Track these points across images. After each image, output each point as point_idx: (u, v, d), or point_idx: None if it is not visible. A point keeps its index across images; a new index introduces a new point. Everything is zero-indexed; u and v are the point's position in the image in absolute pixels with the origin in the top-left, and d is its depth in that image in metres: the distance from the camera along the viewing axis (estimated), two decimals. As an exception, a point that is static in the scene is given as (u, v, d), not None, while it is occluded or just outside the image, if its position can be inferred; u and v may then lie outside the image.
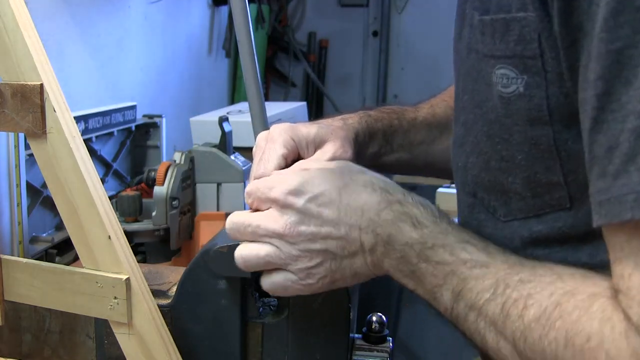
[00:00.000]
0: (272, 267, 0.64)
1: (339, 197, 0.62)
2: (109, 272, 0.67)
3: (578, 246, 0.59)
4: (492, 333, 0.55)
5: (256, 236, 0.63)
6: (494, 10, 0.57)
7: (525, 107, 0.56)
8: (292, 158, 0.73)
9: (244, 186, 1.34)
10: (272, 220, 0.63)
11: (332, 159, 0.74)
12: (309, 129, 0.75)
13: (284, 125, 0.75)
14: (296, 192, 0.62)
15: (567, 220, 0.59)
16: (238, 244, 0.67)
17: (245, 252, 0.64)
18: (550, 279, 0.53)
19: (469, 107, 0.64)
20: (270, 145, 0.72)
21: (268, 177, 0.66)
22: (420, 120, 0.94)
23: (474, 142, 0.64)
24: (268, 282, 0.65)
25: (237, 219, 0.65)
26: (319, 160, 0.69)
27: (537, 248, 0.61)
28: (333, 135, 0.77)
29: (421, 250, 0.59)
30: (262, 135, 0.75)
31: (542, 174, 0.58)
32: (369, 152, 0.86)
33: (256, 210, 0.65)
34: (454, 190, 1.99)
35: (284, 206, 0.62)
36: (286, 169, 0.68)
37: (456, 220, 0.68)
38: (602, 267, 0.52)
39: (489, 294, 0.55)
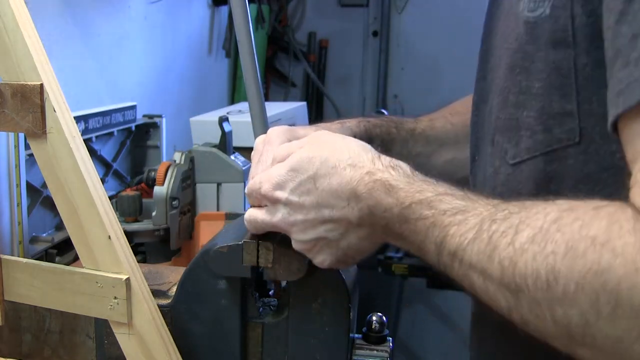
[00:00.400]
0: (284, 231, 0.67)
1: (314, 184, 0.64)
2: (109, 272, 0.67)
3: (591, 187, 0.58)
4: (476, 275, 0.53)
5: (267, 229, 0.68)
6: None
7: (550, 29, 0.58)
8: None
9: (244, 186, 1.34)
10: (269, 215, 0.66)
11: None
12: (306, 131, 0.77)
13: (281, 127, 0.76)
14: (279, 186, 0.65)
15: (577, 158, 0.58)
16: (238, 244, 0.67)
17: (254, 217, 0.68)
18: (544, 205, 0.50)
19: (496, 49, 0.67)
20: (268, 147, 0.73)
21: (258, 175, 0.68)
22: (418, 132, 0.94)
23: (497, 82, 0.66)
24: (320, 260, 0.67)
25: (250, 213, 0.69)
26: (295, 143, 0.69)
27: (550, 192, 0.60)
28: None
29: (400, 213, 0.59)
30: (260, 138, 0.76)
31: (556, 103, 0.59)
32: None
33: (258, 206, 0.68)
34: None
35: (274, 201, 0.66)
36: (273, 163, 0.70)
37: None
38: None
39: (472, 233, 0.53)
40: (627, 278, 0.43)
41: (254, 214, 0.68)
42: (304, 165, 0.64)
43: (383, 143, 0.89)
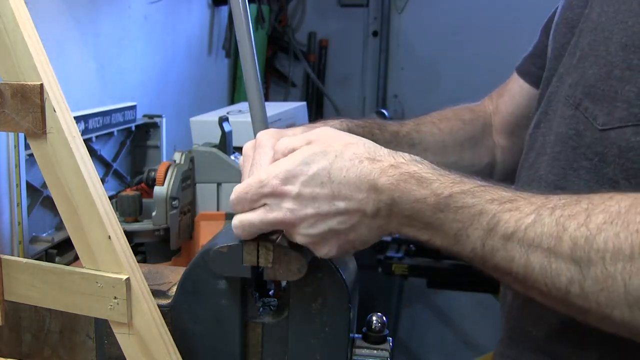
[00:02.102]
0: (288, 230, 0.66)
1: (329, 177, 0.63)
2: (109, 272, 0.67)
3: None
4: (537, 253, 0.55)
5: (265, 230, 0.66)
6: None
7: None
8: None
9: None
10: (270, 213, 0.65)
11: None
12: (294, 132, 0.77)
13: (270, 130, 0.76)
14: (287, 180, 0.64)
15: None
16: (238, 244, 0.67)
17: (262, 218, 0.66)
18: (607, 195, 0.55)
19: (606, 25, 0.68)
20: (259, 150, 0.73)
21: (253, 178, 0.67)
22: (403, 134, 0.95)
23: (602, 55, 0.68)
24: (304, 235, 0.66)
25: (240, 219, 0.66)
26: (299, 138, 0.69)
27: (636, 161, 0.63)
28: None
29: (437, 202, 0.60)
30: (249, 144, 0.76)
31: None
32: None
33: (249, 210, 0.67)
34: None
35: (280, 195, 0.64)
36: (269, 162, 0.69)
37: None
38: None
39: (530, 218, 0.56)
40: None
41: (248, 217, 0.66)
42: (317, 159, 0.64)
43: None
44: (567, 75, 0.76)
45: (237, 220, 0.67)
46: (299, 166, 0.64)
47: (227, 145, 1.38)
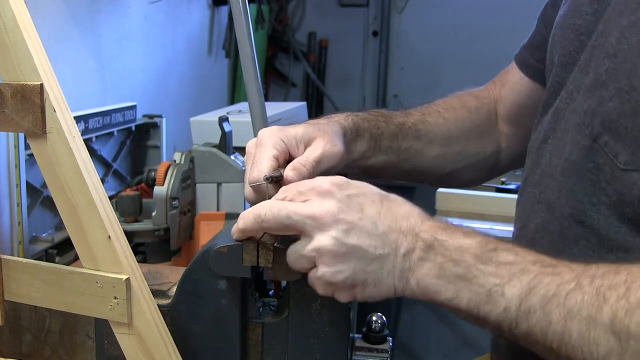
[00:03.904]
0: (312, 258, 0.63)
1: (380, 201, 0.63)
2: (109, 272, 0.67)
3: None
4: (576, 320, 0.54)
5: (293, 222, 0.62)
6: None
7: None
8: (283, 158, 0.74)
9: (244, 186, 1.34)
10: (310, 206, 0.62)
11: (322, 153, 0.75)
12: (296, 129, 0.76)
13: (272, 128, 0.76)
14: (339, 185, 0.63)
15: None
16: (238, 244, 0.67)
17: (293, 250, 0.63)
18: None
19: (629, 55, 0.65)
20: (260, 148, 0.72)
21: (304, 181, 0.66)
22: (409, 126, 0.94)
23: (624, 89, 0.64)
24: (312, 277, 0.63)
25: (278, 205, 0.63)
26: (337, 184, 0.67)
27: None
28: (321, 131, 0.78)
29: (481, 253, 0.59)
30: (252, 142, 0.76)
31: None
32: (356, 149, 0.87)
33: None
34: (454, 190, 1.98)
35: (325, 193, 0.62)
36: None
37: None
38: None
39: (571, 285, 0.55)
40: None
41: (282, 205, 0.63)
42: (371, 186, 0.65)
43: (372, 137, 0.89)
44: (578, 95, 0.73)
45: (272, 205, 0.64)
46: (353, 182, 0.64)
47: (227, 145, 1.38)
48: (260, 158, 0.71)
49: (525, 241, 0.77)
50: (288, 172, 0.71)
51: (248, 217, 0.64)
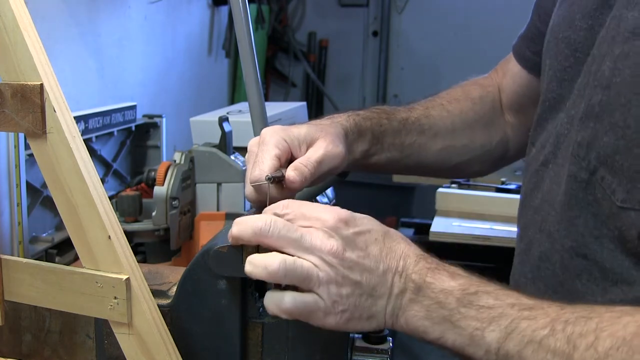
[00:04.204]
0: (305, 285, 0.62)
1: (383, 239, 0.64)
2: (109, 272, 0.67)
3: None
4: None
5: (296, 246, 0.62)
6: None
7: None
8: (285, 158, 0.74)
9: (244, 186, 1.34)
10: (320, 237, 0.62)
11: (324, 154, 0.75)
12: (299, 129, 0.76)
13: (274, 127, 0.76)
14: (347, 221, 0.63)
15: None
16: (239, 244, 0.67)
17: (289, 260, 0.61)
18: (615, 314, 0.54)
19: (622, 90, 0.63)
20: (262, 147, 0.72)
21: (316, 204, 0.66)
22: (412, 121, 0.94)
23: (619, 125, 0.63)
24: (298, 301, 0.63)
25: (282, 222, 0.62)
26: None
27: None
28: (323, 132, 0.78)
29: (462, 296, 0.60)
30: (254, 140, 0.76)
31: None
32: (358, 149, 0.87)
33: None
34: (454, 190, 1.98)
35: (332, 229, 0.62)
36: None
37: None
38: None
39: (545, 331, 0.56)
40: None
41: (295, 227, 0.62)
42: (375, 222, 0.65)
43: (374, 136, 0.89)
44: (576, 121, 0.71)
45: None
46: (359, 217, 0.64)
47: (227, 145, 1.38)
48: (262, 157, 0.71)
49: (530, 267, 0.77)
50: (290, 172, 0.71)
51: (245, 229, 0.63)
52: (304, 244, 0.62)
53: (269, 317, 0.73)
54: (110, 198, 0.84)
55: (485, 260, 1.54)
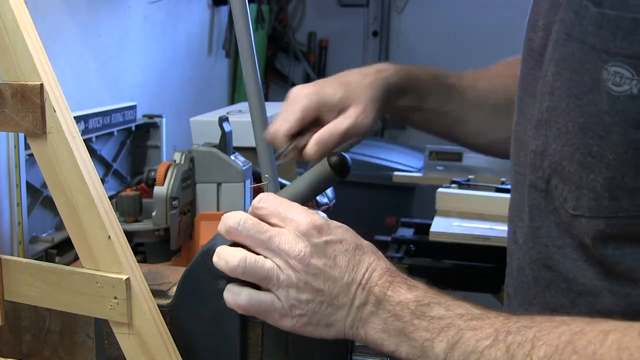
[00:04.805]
0: (264, 284, 0.63)
1: (353, 250, 0.64)
2: (109, 272, 0.67)
3: None
4: None
5: (264, 247, 0.63)
6: (617, 6, 0.55)
7: (635, 110, 0.55)
8: (309, 120, 0.77)
9: (244, 186, 1.34)
10: (289, 240, 0.63)
11: (353, 125, 0.77)
12: (335, 91, 0.78)
13: (310, 88, 0.78)
14: (320, 228, 0.63)
15: None
16: (238, 244, 0.67)
17: (251, 259, 0.63)
18: (554, 323, 0.54)
19: (562, 94, 0.62)
20: (291, 106, 0.75)
21: (295, 204, 0.66)
22: (458, 90, 0.93)
23: (562, 130, 0.62)
24: (254, 299, 0.64)
25: (252, 222, 0.64)
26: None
27: (607, 247, 0.61)
28: (358, 98, 0.79)
29: (416, 308, 0.60)
30: (296, 90, 0.79)
31: (630, 178, 0.57)
32: (399, 104, 0.88)
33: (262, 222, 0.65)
34: (454, 190, 1.98)
35: (304, 234, 0.63)
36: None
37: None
38: None
39: (488, 341, 0.56)
40: None
41: (265, 228, 0.64)
42: (350, 233, 0.65)
43: (418, 96, 0.90)
44: (531, 128, 0.69)
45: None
46: (333, 226, 0.64)
47: (227, 145, 1.38)
48: (285, 116, 0.73)
49: (511, 280, 0.77)
50: (312, 145, 0.74)
51: (220, 227, 0.65)
52: (271, 245, 0.63)
53: (269, 317, 0.73)
54: (110, 198, 0.84)
55: (485, 260, 1.54)
